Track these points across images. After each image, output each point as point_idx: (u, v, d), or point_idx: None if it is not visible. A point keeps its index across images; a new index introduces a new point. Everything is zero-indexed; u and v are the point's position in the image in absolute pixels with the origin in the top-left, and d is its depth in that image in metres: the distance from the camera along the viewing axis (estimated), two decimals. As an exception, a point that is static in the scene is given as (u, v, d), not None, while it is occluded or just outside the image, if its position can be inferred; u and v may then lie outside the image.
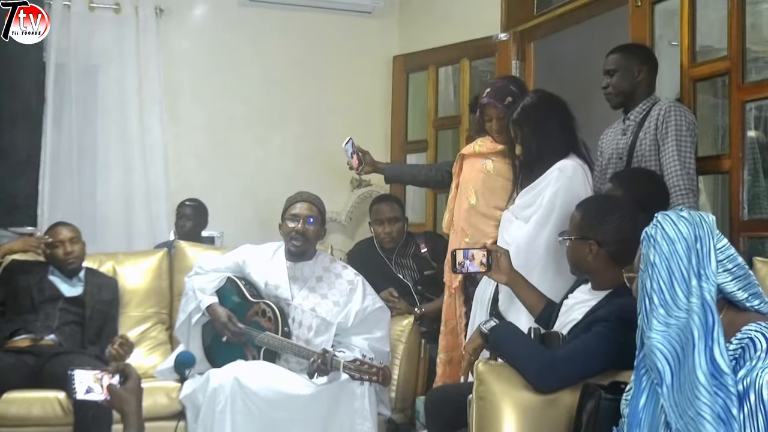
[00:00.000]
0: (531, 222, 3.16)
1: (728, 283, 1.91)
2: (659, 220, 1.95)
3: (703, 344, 1.79)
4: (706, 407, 1.75)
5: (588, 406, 2.27)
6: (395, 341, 3.96)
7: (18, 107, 5.13)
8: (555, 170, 3.16)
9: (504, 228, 3.34)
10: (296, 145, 5.86)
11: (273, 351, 3.62)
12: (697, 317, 1.81)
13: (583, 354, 2.41)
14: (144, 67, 5.39)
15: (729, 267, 1.92)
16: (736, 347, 1.82)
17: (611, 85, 3.47)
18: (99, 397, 2.31)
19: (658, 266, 1.90)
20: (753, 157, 3.43)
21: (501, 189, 3.61)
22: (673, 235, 1.91)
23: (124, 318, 4.26)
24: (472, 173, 3.72)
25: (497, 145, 3.67)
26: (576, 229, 2.68)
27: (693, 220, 1.93)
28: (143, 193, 5.38)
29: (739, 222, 3.36)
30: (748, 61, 3.37)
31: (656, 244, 1.92)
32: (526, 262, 3.10)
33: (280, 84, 5.83)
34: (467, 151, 3.82)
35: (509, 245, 3.18)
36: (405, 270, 4.47)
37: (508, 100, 3.56)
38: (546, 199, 3.13)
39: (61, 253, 4.06)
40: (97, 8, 5.33)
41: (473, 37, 5.15)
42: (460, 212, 3.74)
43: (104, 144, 5.35)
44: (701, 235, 1.90)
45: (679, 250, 1.89)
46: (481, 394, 2.46)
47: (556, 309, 2.82)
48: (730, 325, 1.87)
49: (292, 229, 3.76)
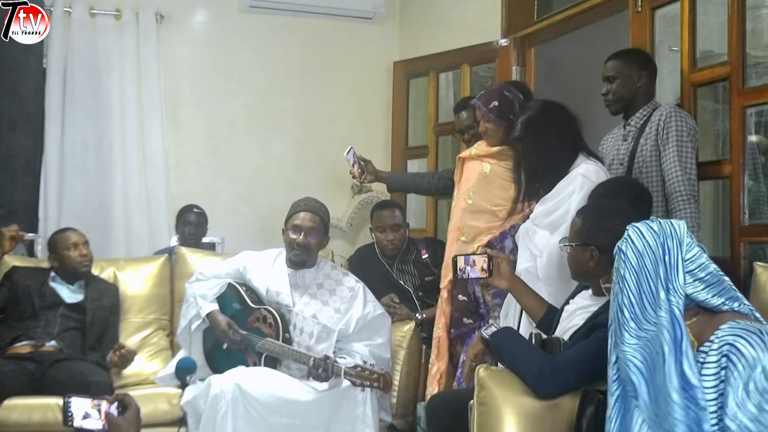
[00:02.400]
0: (560, 231, 3.10)
1: (700, 292, 1.93)
2: (629, 233, 1.97)
3: (672, 358, 1.81)
4: (680, 423, 1.78)
5: (588, 412, 2.28)
6: (396, 347, 3.96)
7: (18, 114, 5.13)
8: (579, 176, 3.13)
9: (526, 239, 3.29)
10: (297, 151, 5.87)
11: (274, 357, 3.62)
12: (666, 332, 1.83)
13: (583, 360, 2.41)
14: (144, 74, 5.40)
15: (701, 276, 1.93)
16: (718, 357, 1.84)
17: (611, 92, 3.47)
18: (96, 425, 2.26)
19: (628, 280, 1.93)
20: (753, 162, 3.43)
21: (498, 188, 3.63)
22: (642, 248, 1.93)
23: (125, 324, 4.26)
24: (471, 175, 3.75)
25: (491, 149, 3.71)
26: (577, 235, 2.68)
27: (662, 230, 1.94)
28: (144, 199, 5.39)
29: (740, 227, 3.35)
30: (749, 66, 3.37)
31: (626, 258, 1.94)
32: (559, 272, 3.07)
33: (280, 90, 5.84)
34: (465, 154, 3.84)
35: (537, 256, 3.17)
36: (406, 276, 4.47)
37: (493, 104, 3.60)
38: (573, 206, 3.08)
39: (77, 256, 4.06)
40: (97, 14, 5.36)
41: (474, 43, 5.16)
42: (457, 212, 3.76)
43: (104, 150, 5.35)
44: (670, 246, 1.92)
45: (647, 264, 1.91)
46: (482, 399, 2.46)
47: (557, 314, 2.82)
48: (707, 326, 1.91)
49: (293, 240, 3.76)
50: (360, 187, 5.86)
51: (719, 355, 1.84)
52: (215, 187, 5.65)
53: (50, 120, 5.20)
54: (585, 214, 2.70)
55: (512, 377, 2.48)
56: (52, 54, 5.20)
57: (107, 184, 5.34)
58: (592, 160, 3.22)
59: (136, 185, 5.37)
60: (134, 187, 5.37)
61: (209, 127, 5.71)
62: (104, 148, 5.35)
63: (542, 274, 3.12)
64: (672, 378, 1.79)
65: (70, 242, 4.09)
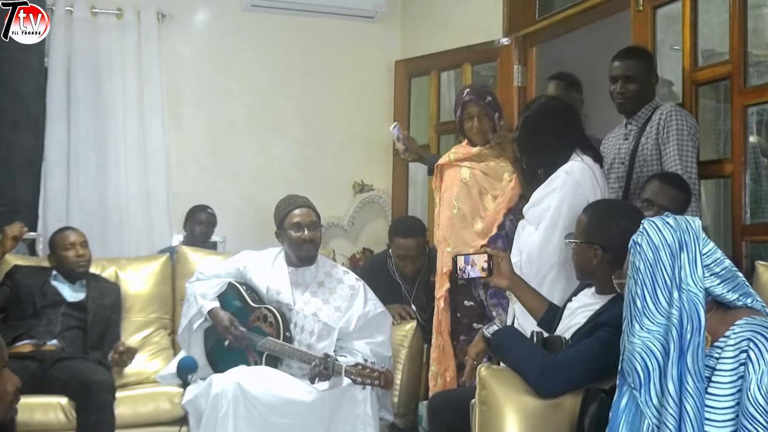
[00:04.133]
0: (540, 228, 3.11)
1: (716, 287, 1.93)
2: (645, 227, 1.97)
3: (677, 355, 1.82)
4: (676, 415, 1.80)
5: (590, 410, 2.28)
6: (398, 346, 3.96)
7: (19, 112, 5.14)
8: (561, 173, 3.12)
9: (517, 235, 3.30)
10: (298, 150, 5.87)
11: (275, 356, 3.62)
12: (675, 329, 1.84)
13: (585, 358, 2.41)
14: (146, 73, 5.40)
15: (716, 270, 1.94)
16: (735, 352, 1.84)
17: (630, 91, 3.42)
18: None
19: (643, 273, 1.93)
20: (755, 161, 3.43)
21: (478, 195, 3.68)
22: (658, 242, 1.93)
23: (127, 323, 4.26)
24: (452, 183, 3.78)
25: (471, 150, 3.74)
26: (582, 232, 2.67)
27: (678, 226, 1.95)
28: (145, 199, 5.39)
29: (742, 226, 3.35)
30: (750, 65, 3.37)
31: (641, 251, 1.95)
32: (538, 269, 3.08)
33: (282, 89, 5.84)
34: (443, 160, 3.86)
35: (521, 252, 3.17)
36: (415, 297, 4.40)
37: (488, 99, 3.66)
38: (554, 204, 3.08)
39: (73, 256, 4.06)
40: (99, 14, 5.35)
41: (475, 42, 5.16)
42: (443, 221, 3.78)
43: (106, 149, 5.34)
44: (687, 240, 1.92)
45: (663, 258, 1.92)
46: (483, 398, 2.46)
47: (559, 313, 2.82)
48: (721, 322, 1.91)
49: (299, 238, 3.76)
50: (361, 186, 5.88)
51: (737, 350, 1.85)
52: (216, 187, 5.65)
53: (51, 119, 5.20)
54: (591, 212, 2.69)
55: (514, 376, 2.48)
56: (54, 53, 5.20)
57: (108, 183, 5.34)
58: (581, 157, 3.18)
59: (136, 184, 5.37)
60: (135, 187, 5.37)
61: (210, 126, 5.71)
62: (105, 147, 5.34)
63: (523, 270, 3.10)
64: (674, 374, 1.81)
65: (67, 242, 4.09)
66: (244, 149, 5.77)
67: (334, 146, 5.93)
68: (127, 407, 3.68)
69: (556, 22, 4.64)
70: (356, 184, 5.91)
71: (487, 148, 3.70)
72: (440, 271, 3.81)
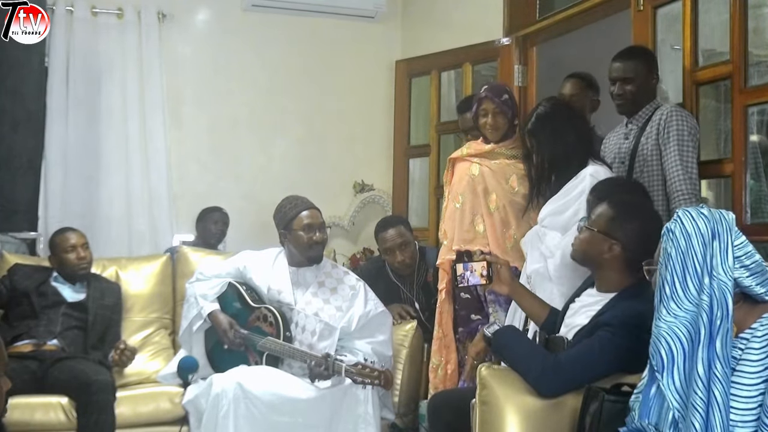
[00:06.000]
0: (572, 231, 3.04)
1: (745, 278, 1.94)
2: (679, 215, 1.99)
3: (707, 340, 1.83)
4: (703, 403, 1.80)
5: (591, 409, 2.28)
6: (398, 346, 3.96)
7: (19, 112, 5.13)
8: (588, 176, 3.12)
9: (536, 241, 3.28)
10: (299, 150, 5.88)
11: (276, 356, 3.62)
12: (705, 315, 1.85)
13: (586, 358, 2.41)
14: (147, 73, 5.41)
15: (747, 263, 1.95)
16: (764, 343, 1.86)
17: (628, 93, 3.41)
18: None
19: (674, 259, 1.94)
20: (755, 161, 3.43)
21: (482, 193, 3.69)
22: (691, 230, 1.94)
23: (127, 323, 4.26)
24: (461, 177, 3.80)
25: (484, 147, 3.75)
26: (605, 224, 2.62)
27: (712, 216, 1.96)
28: (146, 198, 5.39)
29: (742, 226, 3.33)
30: (751, 65, 3.37)
31: (674, 237, 1.96)
32: (573, 272, 3.04)
33: (282, 89, 5.84)
34: (456, 155, 3.88)
35: (548, 257, 3.16)
36: (414, 297, 4.39)
37: (505, 97, 3.67)
38: (583, 207, 3.07)
39: (74, 258, 4.06)
40: (99, 13, 5.37)
41: (475, 42, 5.16)
42: (447, 214, 3.81)
43: (106, 149, 5.35)
44: (720, 231, 1.94)
45: (695, 245, 1.93)
46: (484, 398, 2.46)
47: (561, 313, 2.81)
48: (748, 315, 1.92)
49: (310, 239, 3.76)
50: (362, 186, 5.88)
51: (765, 342, 1.86)
52: (217, 187, 5.65)
53: (52, 119, 5.20)
54: (618, 207, 2.64)
55: (514, 376, 2.48)
56: (54, 53, 5.21)
57: (108, 183, 5.34)
58: (599, 163, 3.22)
59: (137, 184, 5.38)
60: (136, 186, 5.37)
61: (211, 126, 5.72)
62: (106, 147, 5.35)
63: (555, 275, 3.10)
64: (704, 359, 1.82)
65: (68, 244, 4.08)
66: (245, 149, 5.78)
67: (334, 146, 5.94)
68: (127, 407, 3.68)
69: (557, 22, 4.64)
70: (357, 183, 5.92)
71: (500, 146, 3.71)
72: (441, 263, 3.83)
